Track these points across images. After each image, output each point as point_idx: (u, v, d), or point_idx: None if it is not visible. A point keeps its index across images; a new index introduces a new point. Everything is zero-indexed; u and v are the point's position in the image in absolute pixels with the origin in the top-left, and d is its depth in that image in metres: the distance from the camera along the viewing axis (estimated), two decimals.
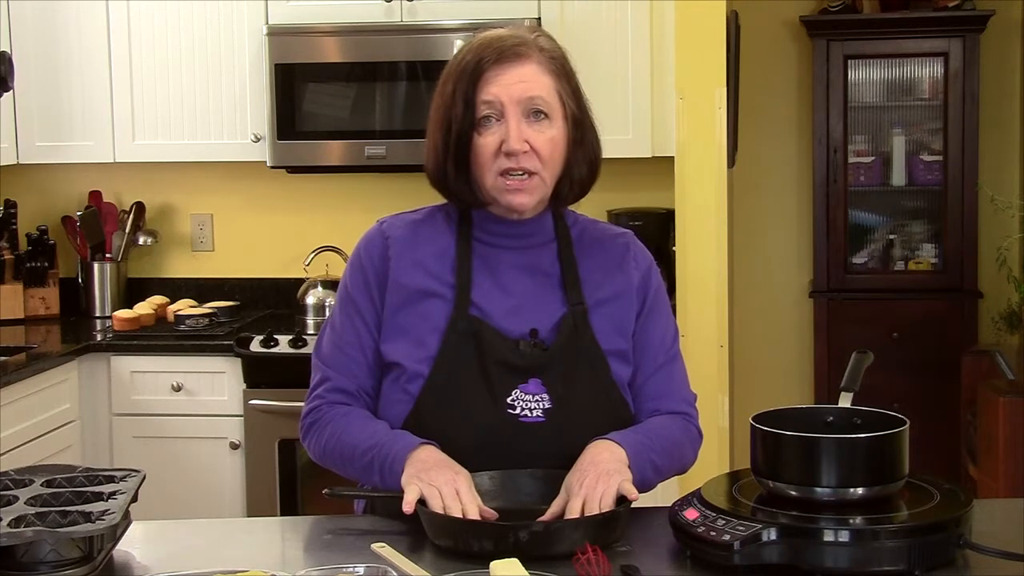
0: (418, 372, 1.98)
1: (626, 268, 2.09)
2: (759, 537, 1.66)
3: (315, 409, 2.06)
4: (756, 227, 4.98)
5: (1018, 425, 3.86)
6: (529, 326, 2.01)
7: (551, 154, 1.98)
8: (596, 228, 2.14)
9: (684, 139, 3.64)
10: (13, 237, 4.42)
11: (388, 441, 1.95)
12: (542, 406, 1.97)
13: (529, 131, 1.96)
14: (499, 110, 1.95)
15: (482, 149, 1.96)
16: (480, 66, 1.95)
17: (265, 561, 1.77)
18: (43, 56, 4.24)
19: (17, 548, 1.66)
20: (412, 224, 2.08)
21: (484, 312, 2.00)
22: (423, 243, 2.05)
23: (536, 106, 1.96)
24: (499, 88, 1.95)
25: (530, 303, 2.03)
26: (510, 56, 1.96)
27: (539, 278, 2.05)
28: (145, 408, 3.99)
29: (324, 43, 4.10)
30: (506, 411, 1.96)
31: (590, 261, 2.08)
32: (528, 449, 1.95)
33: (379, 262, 2.05)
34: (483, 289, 2.02)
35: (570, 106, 2.00)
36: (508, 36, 1.99)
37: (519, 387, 1.98)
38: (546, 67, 1.98)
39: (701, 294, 3.65)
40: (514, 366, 1.98)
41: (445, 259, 2.04)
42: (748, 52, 4.56)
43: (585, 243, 2.09)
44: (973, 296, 4.77)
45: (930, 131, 4.86)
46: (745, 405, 3.50)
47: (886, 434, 1.74)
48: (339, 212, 4.47)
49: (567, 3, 4.03)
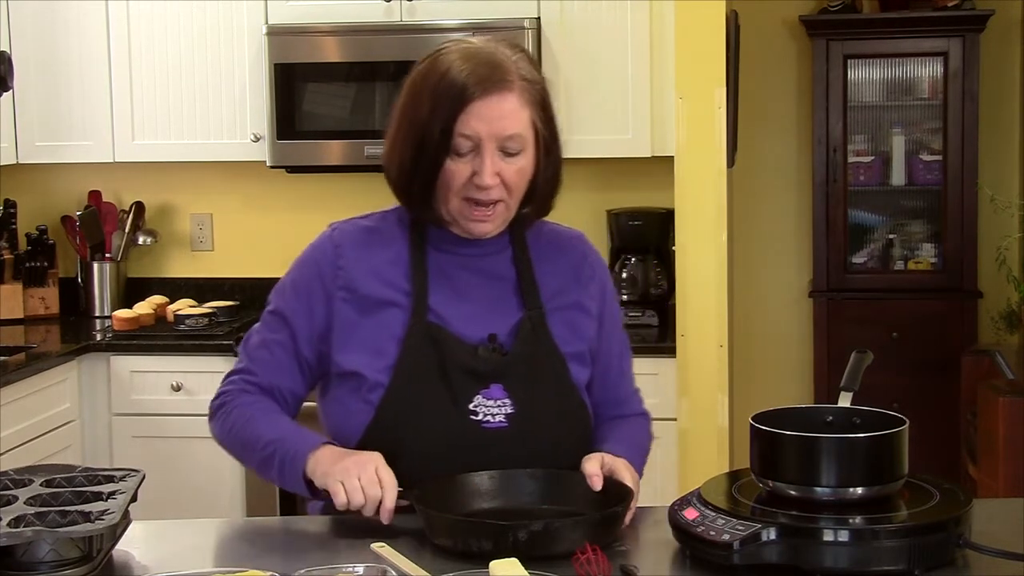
0: (378, 381, 1.97)
1: (583, 275, 2.11)
2: (759, 537, 1.66)
3: (225, 393, 2.07)
4: (756, 227, 4.98)
5: (1018, 425, 3.86)
6: (487, 331, 2.00)
7: (519, 184, 1.98)
8: (550, 231, 2.14)
9: (684, 139, 3.64)
10: (13, 237, 4.42)
11: (292, 437, 1.97)
12: (504, 411, 1.97)
13: (501, 164, 1.94)
14: (476, 144, 1.93)
15: (452, 176, 1.95)
16: (464, 95, 1.92)
17: (265, 561, 1.77)
18: (43, 56, 4.24)
19: (16, 548, 1.66)
20: (364, 231, 2.07)
21: (442, 318, 1.99)
22: (376, 250, 2.04)
23: (512, 143, 1.94)
24: (480, 124, 1.91)
25: (487, 308, 2.03)
26: (496, 89, 1.92)
27: (495, 283, 2.05)
28: (145, 408, 3.99)
29: (324, 43, 4.10)
30: (468, 418, 1.96)
31: (546, 265, 2.08)
32: (491, 455, 1.95)
33: (328, 270, 2.04)
34: (440, 295, 2.01)
35: (543, 134, 1.99)
36: (493, 63, 1.94)
37: (480, 393, 1.97)
38: (526, 98, 1.95)
39: (701, 294, 3.65)
40: (475, 372, 1.97)
41: (399, 266, 2.03)
42: (748, 52, 4.56)
43: (541, 247, 2.09)
44: (973, 296, 4.77)
45: (930, 131, 4.85)
46: (745, 405, 3.51)
47: (886, 434, 1.74)
48: (339, 212, 4.36)
49: (567, 3, 4.02)
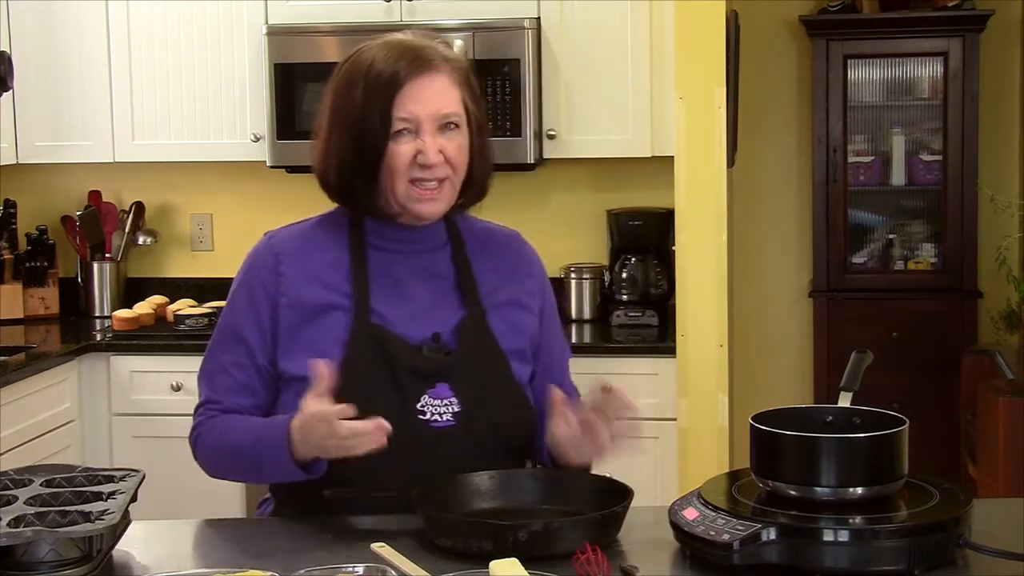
0: None
1: (521, 273, 2.15)
2: (759, 537, 1.66)
3: (198, 426, 2.10)
4: (756, 227, 4.98)
5: (1018, 425, 3.86)
6: (430, 331, 2.02)
7: (460, 161, 2.02)
8: (486, 230, 2.17)
9: (684, 139, 3.64)
10: (13, 237, 4.42)
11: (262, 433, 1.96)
12: (451, 410, 1.99)
13: (442, 140, 1.99)
14: (415, 126, 1.98)
15: (396, 159, 1.98)
16: (396, 80, 1.96)
17: (265, 561, 1.77)
18: (43, 56, 4.24)
19: (16, 548, 1.67)
20: (302, 236, 2.08)
21: (385, 319, 2.01)
22: (315, 255, 2.05)
23: (449, 120, 1.99)
24: (416, 105, 1.97)
25: (429, 308, 2.04)
26: (424, 69, 1.98)
27: (435, 282, 2.07)
28: (145, 408, 3.99)
29: (324, 43, 4.10)
30: (416, 418, 1.97)
31: (484, 264, 2.11)
32: (440, 454, 1.96)
33: (269, 278, 2.04)
34: (381, 296, 2.03)
35: (474, 114, 2.04)
36: (418, 46, 2.01)
37: (427, 392, 1.99)
38: (454, 78, 2.01)
39: (701, 294, 3.65)
40: (420, 372, 1.99)
41: (339, 269, 2.04)
42: (748, 52, 4.55)
43: (477, 245, 2.12)
44: (973, 296, 4.77)
45: (930, 131, 4.85)
46: (745, 405, 3.50)
47: (885, 434, 1.75)
48: None
49: (567, 3, 4.02)
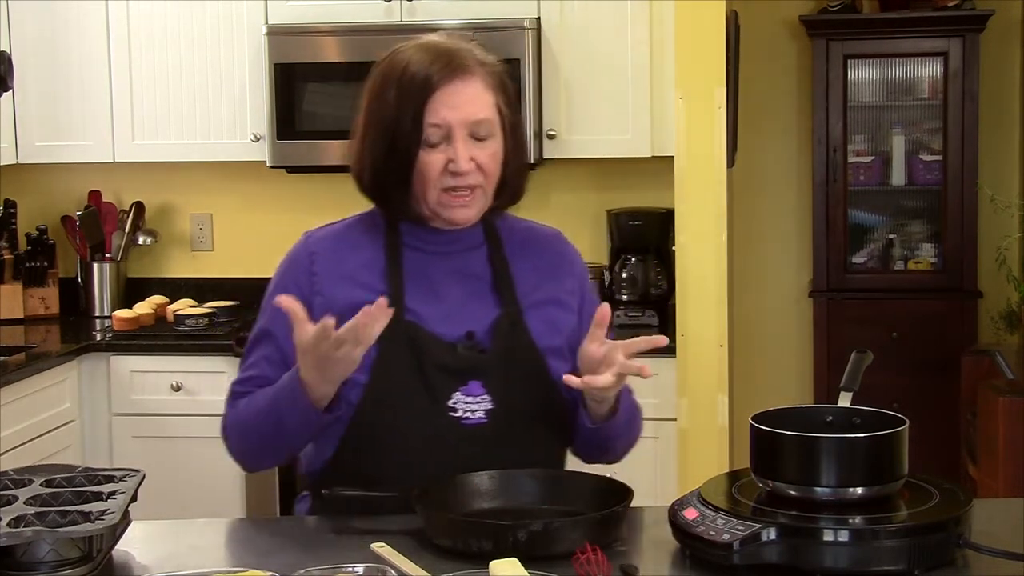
0: (356, 380, 1.96)
1: (561, 272, 2.13)
2: (758, 537, 1.66)
3: (225, 416, 2.08)
4: (756, 227, 4.98)
5: (1018, 425, 3.86)
6: (464, 329, 2.01)
7: (493, 168, 2.00)
8: (528, 229, 2.16)
9: (684, 139, 3.64)
10: (13, 237, 4.42)
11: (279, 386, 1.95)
12: (483, 408, 1.98)
13: (474, 149, 1.97)
14: (447, 132, 1.96)
15: (428, 167, 1.97)
16: (428, 83, 1.95)
17: (265, 561, 1.77)
18: (43, 56, 4.24)
19: (16, 548, 1.67)
20: (337, 237, 2.11)
21: (419, 317, 2.01)
22: (350, 255, 2.07)
23: (481, 128, 1.98)
24: (448, 111, 1.95)
25: (464, 307, 2.04)
26: (458, 74, 1.96)
27: (471, 282, 2.06)
28: (145, 408, 3.99)
29: (324, 43, 4.10)
30: (448, 415, 1.97)
31: (524, 263, 2.09)
32: (471, 451, 1.96)
33: (303, 277, 2.06)
34: (416, 295, 2.02)
35: (508, 118, 2.02)
36: (452, 49, 1.99)
37: (459, 390, 1.98)
38: (488, 83, 1.99)
39: (701, 294, 3.65)
40: (453, 369, 1.98)
41: (374, 268, 2.04)
42: (748, 52, 4.55)
43: (517, 245, 2.11)
44: (973, 296, 4.77)
45: (930, 131, 4.85)
46: (745, 405, 3.50)
47: (885, 434, 1.74)
48: (339, 212, 4.37)
49: (567, 3, 4.02)
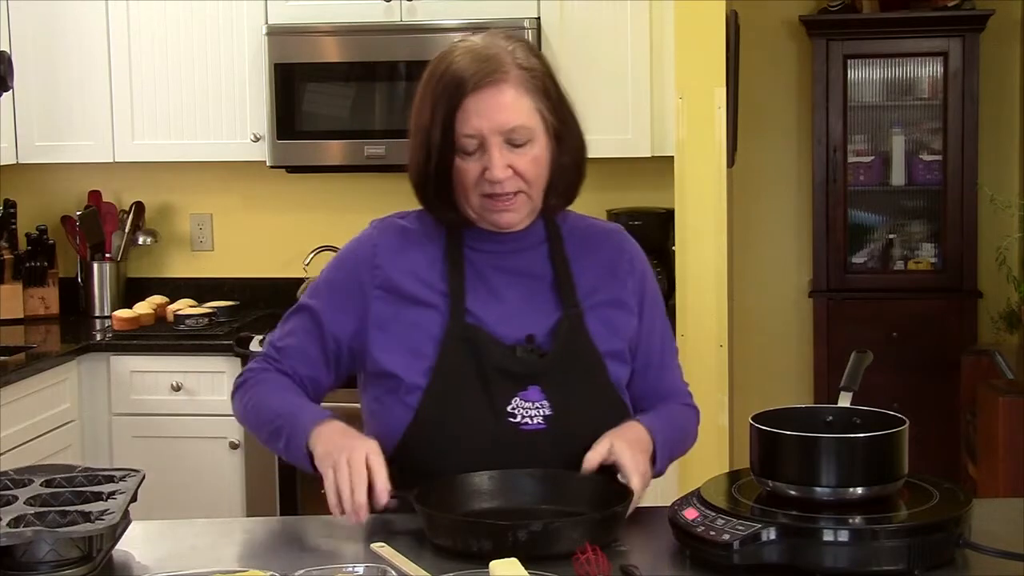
0: (416, 384, 1.96)
1: (621, 271, 2.08)
2: (758, 537, 1.65)
3: (248, 370, 2.07)
4: (756, 227, 4.98)
5: (1018, 425, 3.86)
6: (525, 331, 1.98)
7: (535, 173, 1.95)
8: (587, 226, 2.11)
9: (684, 139, 3.64)
10: (13, 237, 4.43)
11: (298, 411, 1.96)
12: (542, 413, 1.96)
13: (511, 156, 1.92)
14: (480, 140, 1.91)
15: (464, 175, 1.94)
16: (458, 93, 1.90)
17: (265, 561, 1.77)
18: (43, 56, 4.24)
19: (16, 548, 1.66)
20: (402, 231, 2.06)
21: (479, 319, 1.98)
22: (413, 251, 2.03)
23: (516, 134, 1.92)
24: (479, 120, 1.90)
25: (524, 308, 2.00)
26: (490, 81, 1.90)
27: (531, 282, 2.02)
28: (145, 408, 3.99)
29: (324, 43, 4.10)
30: (506, 420, 1.95)
31: (584, 261, 2.05)
32: (529, 457, 1.93)
33: (365, 268, 2.03)
34: (476, 296, 1.99)
35: (551, 121, 1.95)
36: (488, 56, 1.92)
37: (519, 395, 1.96)
38: (526, 87, 1.92)
39: (701, 294, 3.65)
40: (513, 373, 1.96)
41: (436, 267, 2.01)
42: (748, 52, 4.56)
43: (576, 242, 2.06)
44: (973, 296, 4.77)
45: (930, 131, 4.85)
46: (745, 405, 3.50)
47: (885, 434, 1.74)
48: (339, 212, 4.47)
49: (567, 3, 4.02)
